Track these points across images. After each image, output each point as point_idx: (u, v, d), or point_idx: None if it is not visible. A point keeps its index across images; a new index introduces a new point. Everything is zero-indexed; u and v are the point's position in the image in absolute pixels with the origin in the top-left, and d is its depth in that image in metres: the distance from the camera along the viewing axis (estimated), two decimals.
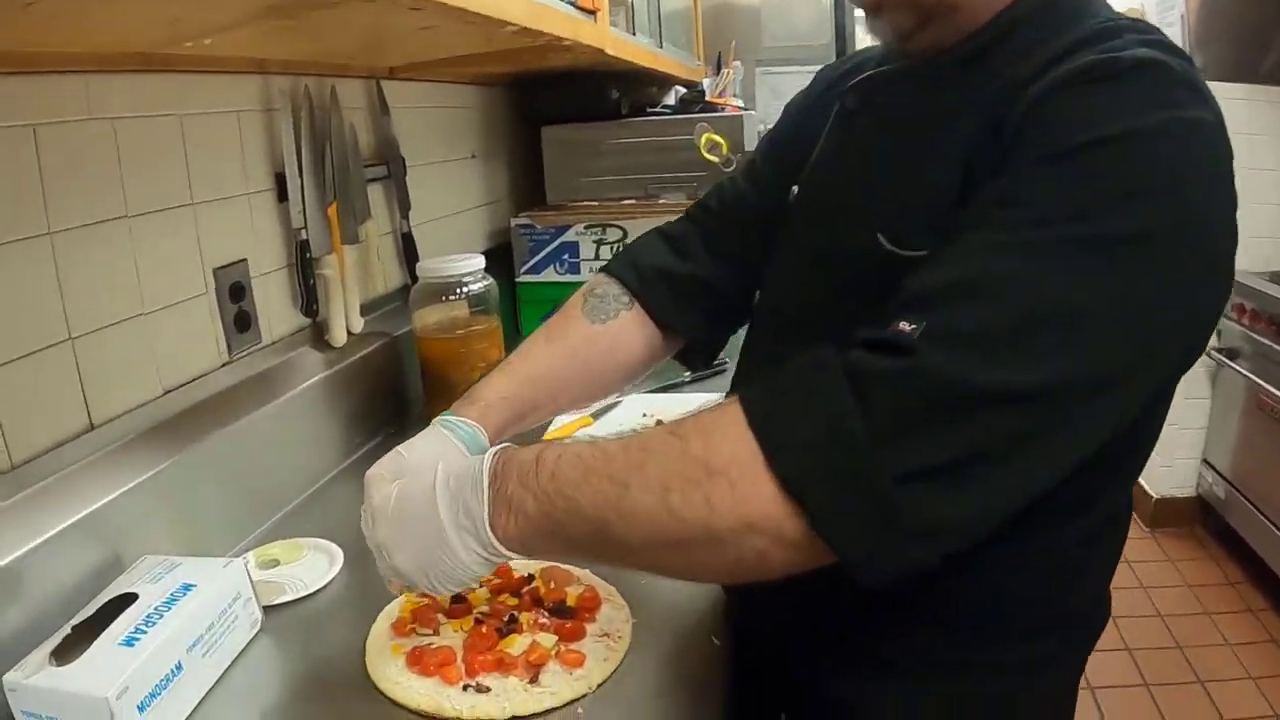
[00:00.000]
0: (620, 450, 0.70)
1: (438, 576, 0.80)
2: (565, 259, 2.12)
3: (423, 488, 0.80)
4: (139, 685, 0.90)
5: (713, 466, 0.63)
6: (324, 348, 1.57)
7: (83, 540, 1.05)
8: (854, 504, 0.60)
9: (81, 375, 1.12)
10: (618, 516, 0.67)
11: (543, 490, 0.71)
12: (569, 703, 0.95)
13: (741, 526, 0.62)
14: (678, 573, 0.74)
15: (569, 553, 0.76)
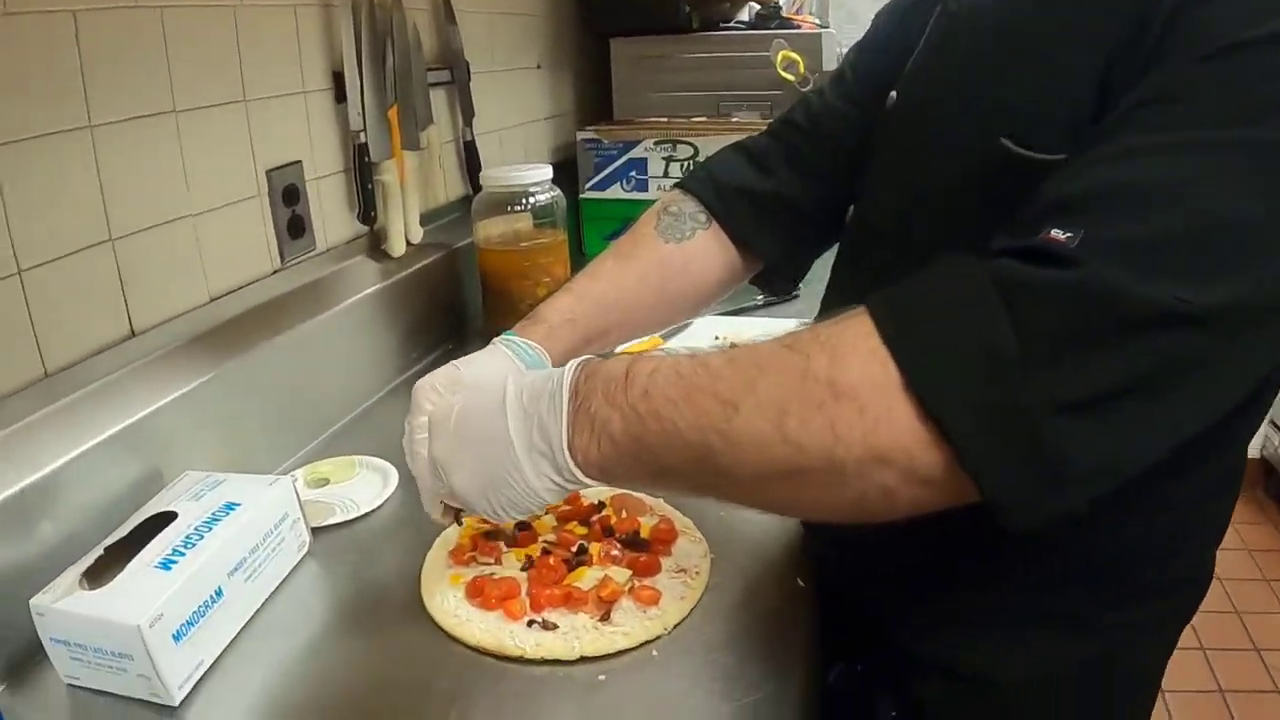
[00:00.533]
0: (727, 366, 0.60)
1: (502, 502, 0.71)
2: (632, 176, 2.01)
3: (491, 402, 0.71)
4: (175, 612, 0.81)
5: (839, 388, 0.53)
6: (381, 257, 1.47)
7: (120, 454, 0.97)
8: (1006, 438, 0.51)
9: (123, 279, 1.04)
10: (723, 442, 0.57)
11: (633, 409, 0.62)
12: (643, 644, 0.86)
13: (870, 458, 0.53)
14: (785, 508, 0.66)
15: (656, 481, 0.66)
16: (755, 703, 0.79)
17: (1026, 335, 0.51)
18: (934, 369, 0.52)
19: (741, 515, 1.03)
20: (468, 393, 0.76)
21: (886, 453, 0.53)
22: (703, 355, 0.62)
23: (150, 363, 1.04)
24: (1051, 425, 0.50)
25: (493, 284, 1.56)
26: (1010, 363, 0.50)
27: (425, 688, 0.82)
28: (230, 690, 0.84)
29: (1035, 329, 0.51)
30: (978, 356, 0.51)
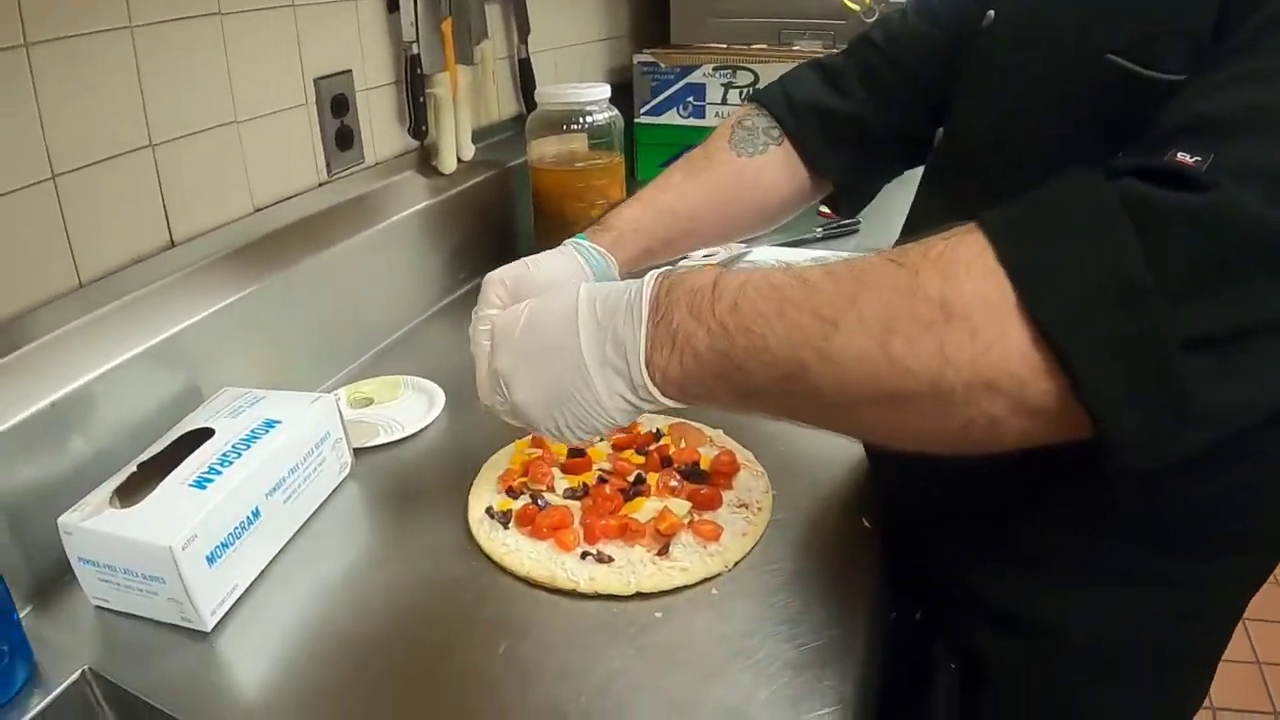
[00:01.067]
0: (827, 279, 0.54)
1: (568, 421, 0.66)
2: (690, 101, 1.92)
3: (561, 311, 0.65)
4: (209, 533, 0.76)
5: (952, 308, 0.48)
6: (431, 174, 1.39)
7: (157, 368, 0.92)
8: (1131, 371, 0.45)
9: (162, 187, 0.97)
10: (819, 361, 0.52)
11: (720, 324, 0.57)
12: (702, 581, 0.79)
13: (980, 384, 0.48)
14: (879, 434, 0.58)
15: (740, 402, 0.59)
16: (819, 648, 0.72)
17: (1161, 262, 0.45)
18: (1056, 292, 0.47)
19: (804, 450, 0.96)
20: (535, 301, 0.69)
21: (997, 379, 0.48)
22: (798, 268, 0.56)
23: (190, 274, 0.98)
24: (1182, 361, 0.45)
25: (545, 205, 1.48)
26: (1144, 290, 0.45)
27: (470, 619, 0.77)
28: (265, 616, 0.79)
29: (1173, 256, 0.45)
30: (1107, 282, 0.46)
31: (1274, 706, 2.09)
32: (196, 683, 0.72)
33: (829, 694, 0.68)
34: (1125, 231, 0.46)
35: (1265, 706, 2.09)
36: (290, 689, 0.71)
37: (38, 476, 0.80)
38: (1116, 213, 0.47)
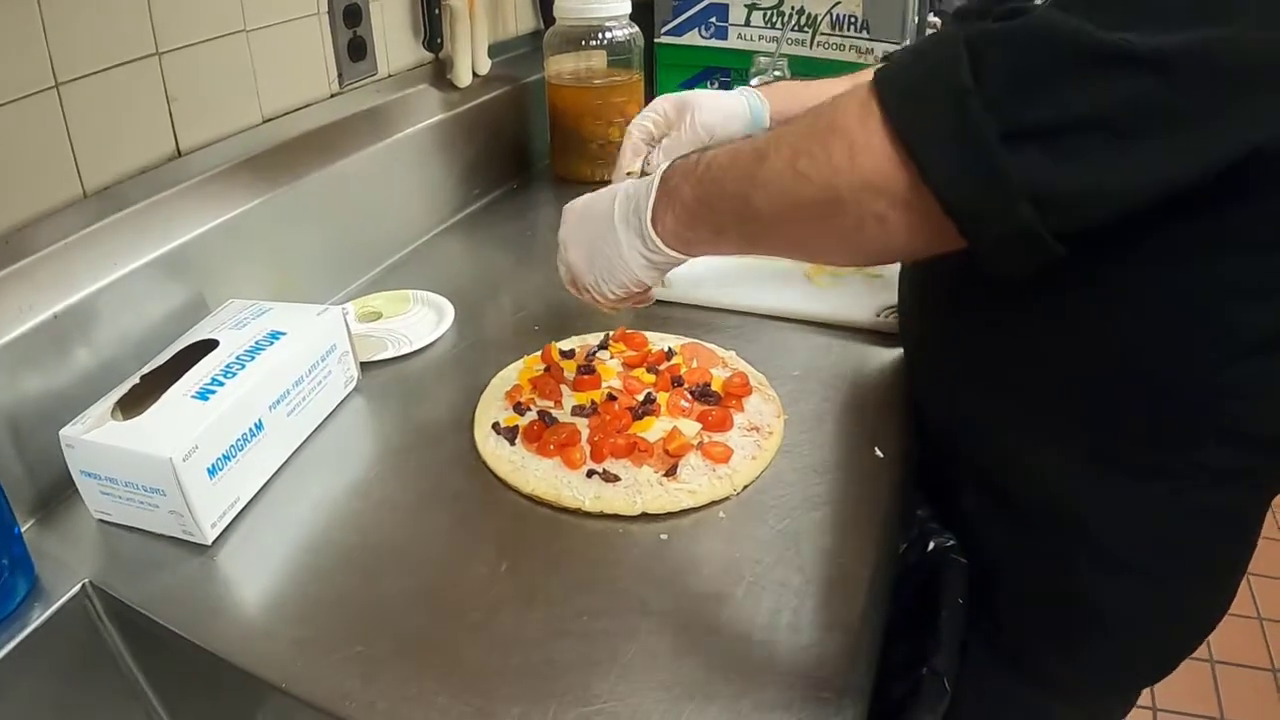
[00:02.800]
0: (765, 134, 0.66)
1: (601, 270, 0.79)
2: (712, 22, 1.82)
3: (608, 192, 0.80)
4: (210, 445, 0.72)
5: (836, 126, 0.59)
6: (445, 88, 1.32)
7: (161, 279, 0.87)
8: (958, 155, 0.53)
9: (169, 95, 0.92)
10: (753, 187, 0.64)
11: (699, 178, 0.70)
12: (710, 504, 0.74)
13: (860, 184, 0.57)
14: (810, 249, 0.69)
15: (716, 238, 0.72)
16: (828, 576, 0.68)
17: (980, 70, 0.52)
18: (906, 103, 0.56)
19: (818, 376, 0.92)
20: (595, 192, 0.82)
21: (872, 178, 0.56)
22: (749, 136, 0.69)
23: (196, 185, 0.93)
24: (1004, 149, 0.52)
25: (562, 122, 1.42)
26: (967, 93, 0.52)
27: (474, 535, 0.73)
28: (267, 530, 0.75)
29: (990, 68, 0.52)
30: (940, 90, 0.54)
31: (1273, 663, 2.06)
32: (197, 596, 0.69)
33: (836, 622, 0.64)
34: (960, 55, 0.53)
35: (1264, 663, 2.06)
36: (291, 603, 0.68)
37: (40, 389, 0.76)
38: (958, 44, 0.54)
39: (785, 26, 1.68)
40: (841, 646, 0.62)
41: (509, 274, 1.19)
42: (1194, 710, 1.94)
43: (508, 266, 1.21)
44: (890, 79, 0.57)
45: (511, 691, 0.59)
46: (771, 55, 1.55)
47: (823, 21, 1.66)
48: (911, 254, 0.62)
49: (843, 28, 1.66)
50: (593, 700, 0.59)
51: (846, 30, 1.65)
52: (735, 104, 1.00)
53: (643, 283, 0.78)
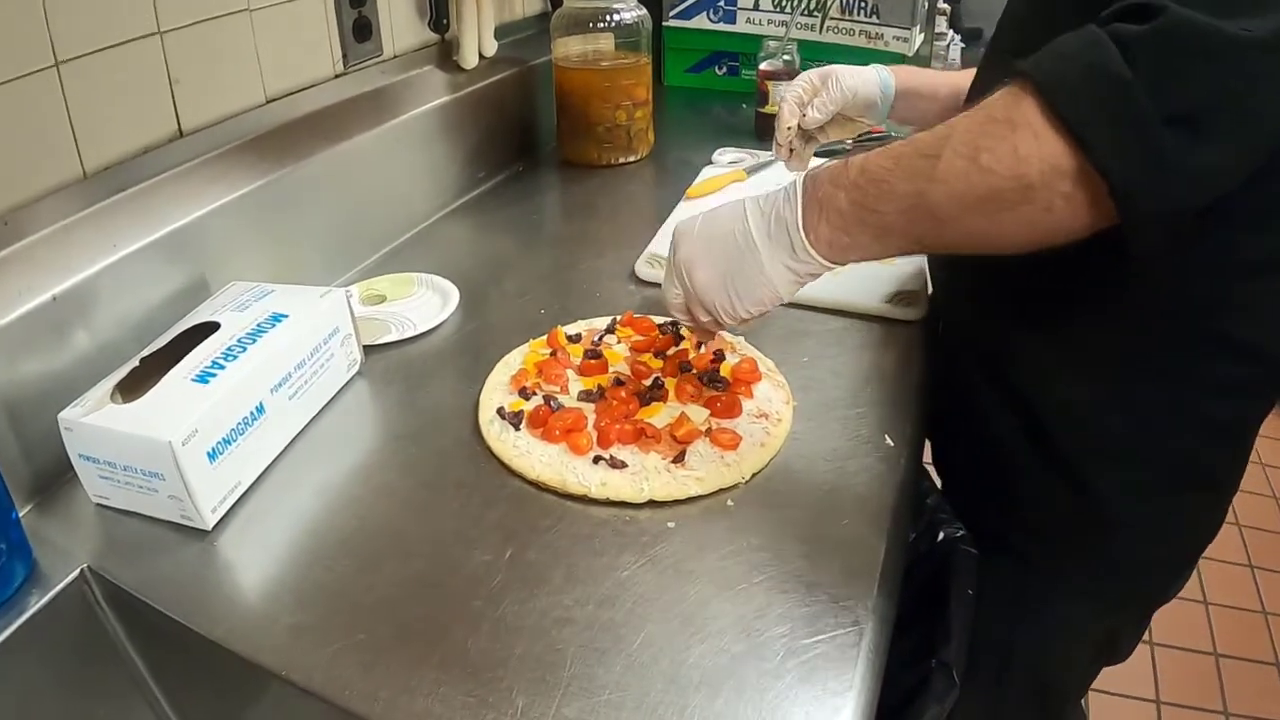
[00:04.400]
0: (924, 134, 0.67)
1: (739, 289, 0.75)
2: (721, 6, 1.80)
3: (731, 208, 0.77)
4: (210, 429, 0.70)
5: (1013, 121, 0.62)
6: (451, 69, 1.30)
7: (162, 261, 0.86)
8: (1125, 137, 0.58)
9: (171, 75, 0.90)
10: (931, 184, 0.65)
11: (853, 183, 0.70)
12: (717, 492, 0.73)
13: (1047, 168, 0.60)
14: (990, 238, 0.67)
15: (877, 240, 0.71)
16: (837, 566, 0.67)
17: (1139, 69, 0.57)
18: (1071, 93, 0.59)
19: (827, 362, 0.90)
20: (706, 211, 0.79)
21: (1058, 162, 0.60)
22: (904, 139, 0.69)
23: (198, 165, 0.91)
24: (1166, 132, 0.57)
25: (569, 104, 1.40)
26: (1131, 85, 0.57)
27: (477, 522, 0.72)
28: (267, 516, 0.74)
29: (1144, 64, 0.57)
30: (1101, 81, 0.58)
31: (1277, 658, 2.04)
32: (196, 582, 0.68)
33: (844, 613, 0.63)
34: (1110, 49, 0.58)
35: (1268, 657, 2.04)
36: (291, 589, 0.66)
37: (39, 372, 0.75)
38: (1104, 40, 0.58)
39: (795, 11, 1.66)
40: (851, 637, 0.61)
41: (515, 258, 1.17)
42: (1198, 704, 1.92)
43: (513, 250, 1.19)
44: (1050, 75, 0.61)
45: (515, 681, 0.58)
46: (780, 40, 1.53)
47: (833, 6, 1.64)
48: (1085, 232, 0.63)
49: (853, 12, 1.64)
50: (598, 691, 0.57)
51: (856, 15, 1.63)
52: (869, 72, 1.09)
53: (780, 298, 0.76)
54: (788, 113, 1.10)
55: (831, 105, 1.09)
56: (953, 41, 2.10)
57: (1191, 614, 2.12)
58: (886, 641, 0.64)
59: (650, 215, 1.24)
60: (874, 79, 1.09)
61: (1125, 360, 0.79)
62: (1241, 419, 0.83)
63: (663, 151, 1.49)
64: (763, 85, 1.53)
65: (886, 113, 1.11)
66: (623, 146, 1.42)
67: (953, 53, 2.07)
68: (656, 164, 1.46)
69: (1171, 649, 2.02)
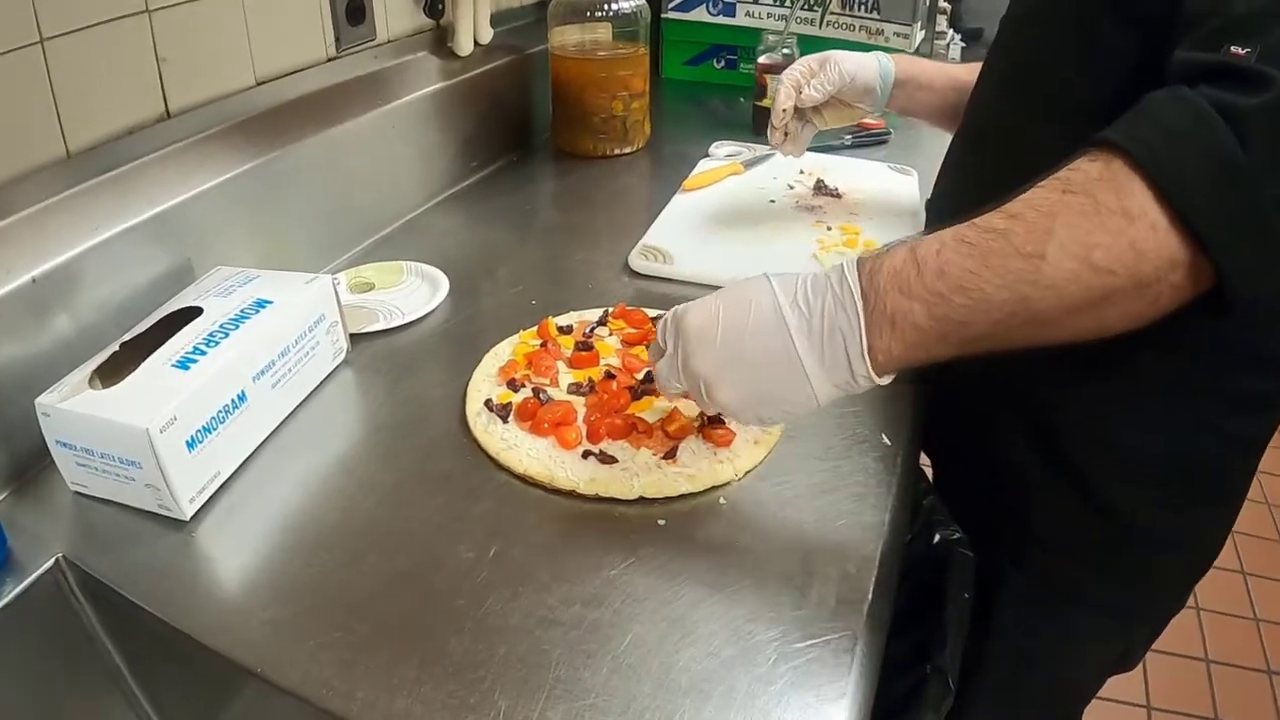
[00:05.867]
0: (1015, 223, 0.59)
1: (772, 414, 0.66)
2: None
3: (764, 311, 0.63)
4: (190, 416, 0.68)
5: (1131, 214, 0.56)
6: (446, 56, 1.28)
7: (147, 244, 0.84)
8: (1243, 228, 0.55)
9: (159, 54, 0.88)
10: (1036, 291, 0.57)
11: (933, 292, 0.59)
12: (709, 490, 0.71)
13: (1165, 263, 0.56)
14: (1089, 333, 0.61)
15: (959, 351, 0.62)
16: (833, 570, 0.65)
17: (1249, 146, 0.53)
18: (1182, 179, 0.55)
19: None
20: (726, 298, 0.66)
21: (1176, 255, 0.55)
22: (973, 223, 0.60)
23: (186, 148, 0.89)
24: (1273, 215, 0.54)
25: (565, 94, 1.38)
26: (1244, 170, 0.54)
27: (463, 517, 0.70)
28: (247, 506, 0.72)
29: (1256, 141, 0.53)
30: (1217, 168, 0.54)
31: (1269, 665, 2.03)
32: (173, 573, 0.66)
33: (838, 617, 0.61)
34: (1220, 129, 0.54)
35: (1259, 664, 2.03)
36: (270, 583, 0.65)
37: (17, 355, 0.73)
38: (1213, 118, 0.54)
39: (795, 5, 1.64)
40: (845, 641, 0.59)
41: (507, 248, 1.15)
42: (1189, 710, 1.91)
43: (506, 240, 1.17)
44: (1160, 160, 0.56)
45: (497, 683, 0.56)
46: (780, 34, 1.51)
47: (833, 1, 1.62)
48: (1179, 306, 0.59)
49: (853, 8, 1.62)
50: (583, 694, 0.55)
51: (857, 10, 1.62)
52: (869, 58, 1.08)
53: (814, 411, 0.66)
54: (784, 95, 1.08)
55: (829, 87, 1.07)
56: (953, 40, 2.07)
57: (1183, 620, 2.09)
58: (881, 646, 0.62)
59: (645, 207, 1.22)
60: (873, 65, 1.07)
61: (1146, 374, 0.75)
62: (1261, 432, 0.80)
63: (659, 144, 1.47)
64: (761, 79, 1.51)
65: (885, 101, 1.09)
66: (618, 138, 1.40)
67: (953, 51, 2.05)
68: (652, 156, 1.44)
69: (1163, 655, 2.01)
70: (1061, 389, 0.79)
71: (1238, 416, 0.76)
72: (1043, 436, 0.81)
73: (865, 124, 1.48)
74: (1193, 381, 0.75)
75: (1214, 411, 0.76)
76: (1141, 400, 0.76)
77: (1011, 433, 0.83)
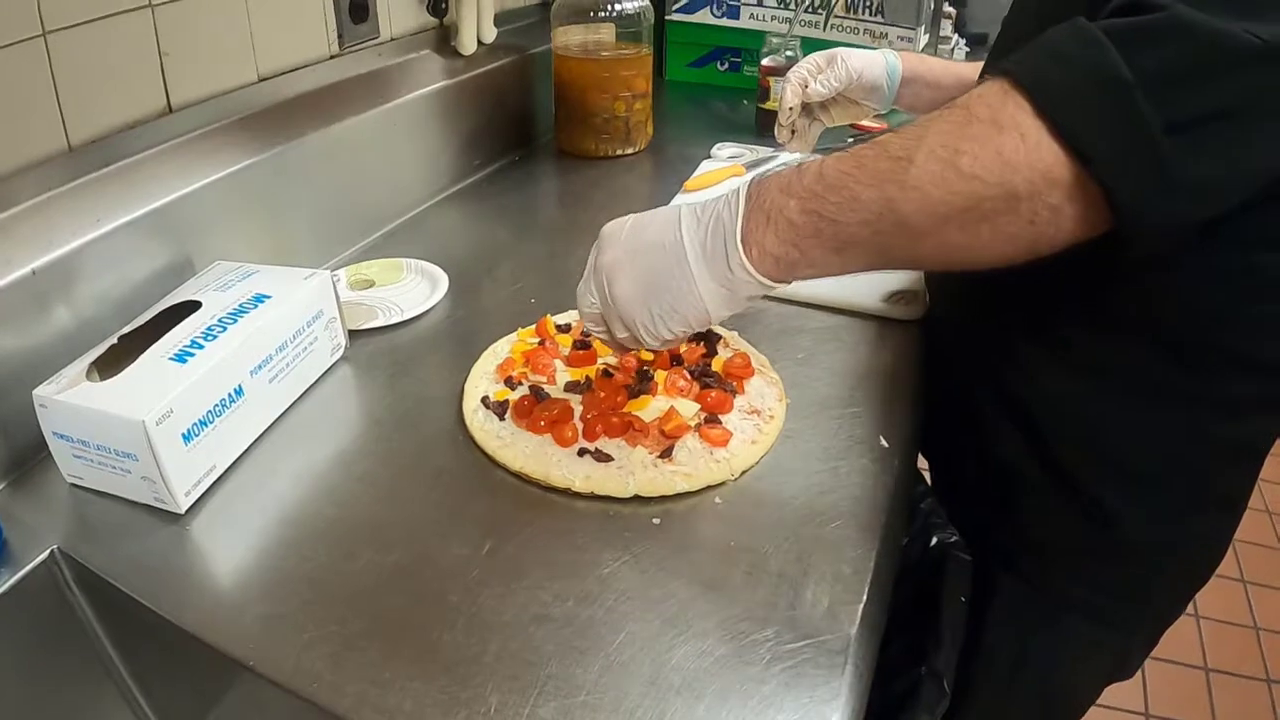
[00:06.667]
0: (891, 134, 0.60)
1: (662, 310, 0.66)
2: (724, 1, 1.77)
3: (665, 212, 0.68)
4: (186, 410, 0.68)
5: (1001, 123, 0.55)
6: (449, 54, 1.28)
7: (147, 238, 0.83)
8: (1127, 146, 0.53)
9: (161, 49, 0.88)
10: (902, 192, 0.57)
11: (808, 190, 0.61)
12: (706, 489, 0.71)
13: (1036, 176, 0.54)
14: (964, 252, 0.60)
15: (834, 255, 0.62)
16: (828, 570, 0.64)
17: (1138, 68, 0.52)
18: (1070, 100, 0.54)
19: (822, 360, 0.88)
20: (640, 214, 0.71)
21: (1051, 168, 0.54)
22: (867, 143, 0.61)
23: (187, 142, 0.89)
24: (1168, 141, 0.52)
25: (568, 94, 1.38)
26: (1129, 84, 0.52)
27: (458, 514, 0.69)
28: (242, 501, 0.71)
29: (1145, 62, 0.52)
30: (1103, 87, 0.53)
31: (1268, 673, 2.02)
32: (167, 566, 0.66)
33: (834, 617, 0.60)
34: (1108, 48, 0.53)
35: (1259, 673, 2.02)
36: (263, 577, 0.64)
37: (16, 347, 0.72)
38: (1098, 37, 0.53)
39: (799, 7, 1.64)
40: (839, 643, 0.59)
41: (507, 246, 1.15)
42: (1188, 718, 1.91)
43: (506, 239, 1.17)
44: (1042, 76, 0.55)
45: (489, 679, 0.56)
46: (783, 36, 1.50)
47: (838, 4, 1.62)
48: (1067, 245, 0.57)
49: (858, 11, 1.62)
50: (575, 691, 0.55)
51: (861, 14, 1.61)
52: (876, 55, 1.07)
53: (710, 320, 0.67)
54: (790, 93, 1.09)
55: (835, 83, 1.07)
56: (957, 45, 2.07)
57: (1182, 628, 2.09)
58: (875, 649, 0.62)
59: (645, 207, 1.19)
60: (880, 62, 1.07)
61: (1141, 380, 0.73)
62: (1259, 439, 0.78)
63: (661, 145, 1.46)
64: (764, 81, 1.51)
65: (892, 98, 1.09)
66: (620, 138, 1.40)
67: (957, 56, 2.05)
68: (654, 157, 1.43)
69: (1162, 663, 2.00)
70: (1055, 392, 0.78)
71: (1234, 423, 0.74)
72: (1037, 441, 0.80)
73: (868, 126, 1.48)
74: (1187, 387, 0.72)
75: (1209, 418, 0.74)
76: (1135, 406, 0.74)
77: (1007, 437, 0.82)
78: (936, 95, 1.09)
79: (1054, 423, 0.79)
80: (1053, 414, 0.79)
